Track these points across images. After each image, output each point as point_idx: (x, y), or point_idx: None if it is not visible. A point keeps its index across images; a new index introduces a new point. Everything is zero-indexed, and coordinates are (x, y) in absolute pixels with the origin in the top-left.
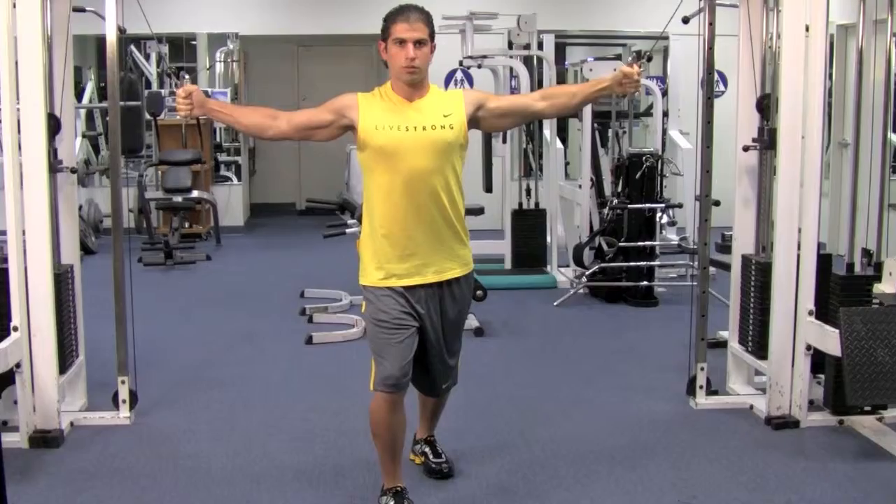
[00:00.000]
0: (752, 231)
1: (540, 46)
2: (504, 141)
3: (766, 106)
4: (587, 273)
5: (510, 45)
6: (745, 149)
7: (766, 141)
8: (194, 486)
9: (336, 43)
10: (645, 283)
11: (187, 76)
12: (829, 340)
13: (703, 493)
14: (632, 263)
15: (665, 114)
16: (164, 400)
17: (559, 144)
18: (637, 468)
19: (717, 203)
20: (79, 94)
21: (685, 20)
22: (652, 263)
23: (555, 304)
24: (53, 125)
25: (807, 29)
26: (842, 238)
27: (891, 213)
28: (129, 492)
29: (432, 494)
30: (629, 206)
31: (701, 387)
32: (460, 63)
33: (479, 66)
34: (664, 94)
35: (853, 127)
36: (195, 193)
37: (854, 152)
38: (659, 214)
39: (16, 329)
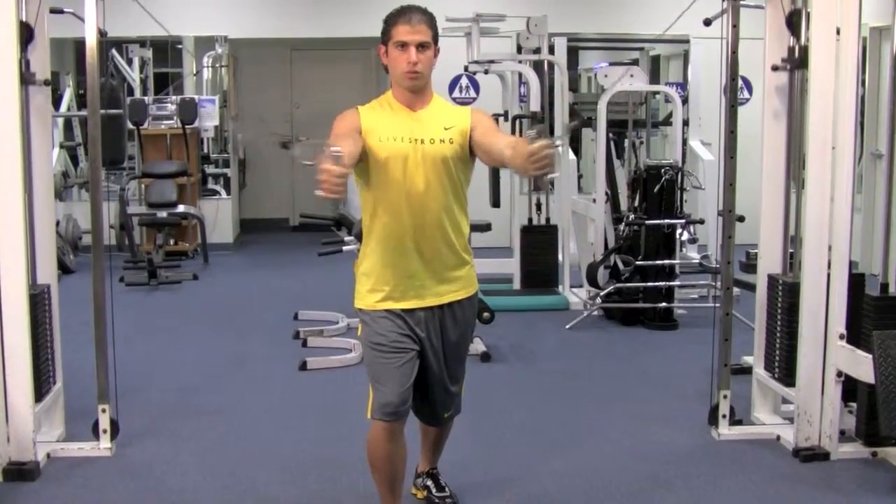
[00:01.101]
0: (778, 248)
1: (551, 50)
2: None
3: (796, 22)
4: (602, 294)
5: (519, 50)
6: (774, 68)
7: (796, 60)
8: None
9: (332, 47)
10: (664, 304)
11: (338, 148)
12: (862, 366)
13: None
14: (650, 283)
15: (685, 123)
16: (147, 430)
17: (571, 156)
18: None
19: (741, 219)
20: (56, 102)
21: (707, 22)
22: (671, 283)
23: (567, 326)
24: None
25: (838, 32)
26: (875, 256)
27: None
28: None
29: None
30: (647, 221)
31: (724, 416)
32: (465, 68)
33: (486, 72)
34: (684, 101)
35: (887, 137)
36: (181, 208)
37: (888, 164)
38: (679, 231)
39: None
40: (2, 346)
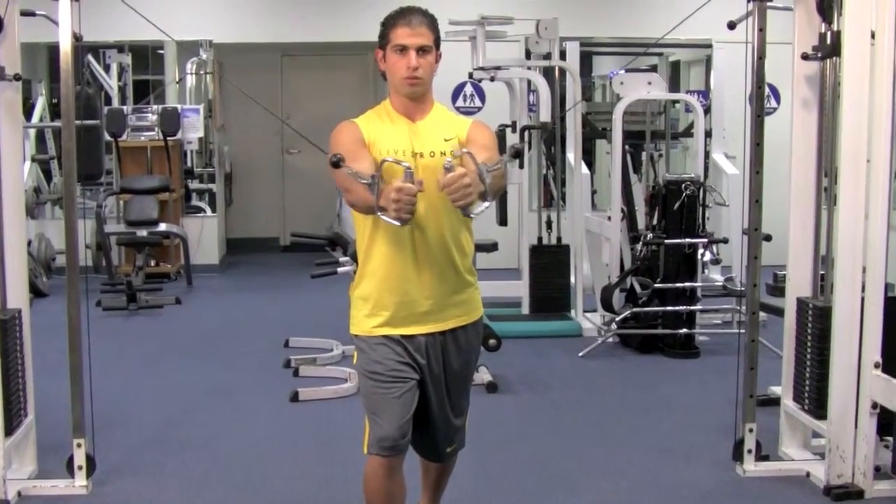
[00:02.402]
0: (808, 269)
1: (562, 56)
2: (521, 166)
3: (827, 6)
4: (617, 319)
5: (528, 55)
6: (805, 56)
7: (829, 47)
8: None
9: (325, 52)
10: (684, 330)
11: (406, 164)
12: None
13: None
14: (669, 308)
15: (707, 134)
16: (126, 465)
17: (585, 170)
18: None
19: (768, 238)
20: (28, 112)
21: (731, 25)
22: (693, 308)
23: (580, 354)
24: None
25: (872, 35)
26: None
27: None
28: None
29: None
30: (666, 241)
31: (749, 451)
32: (470, 76)
33: (492, 79)
34: (706, 111)
35: None
36: (163, 227)
37: None
38: (701, 251)
39: None
40: None
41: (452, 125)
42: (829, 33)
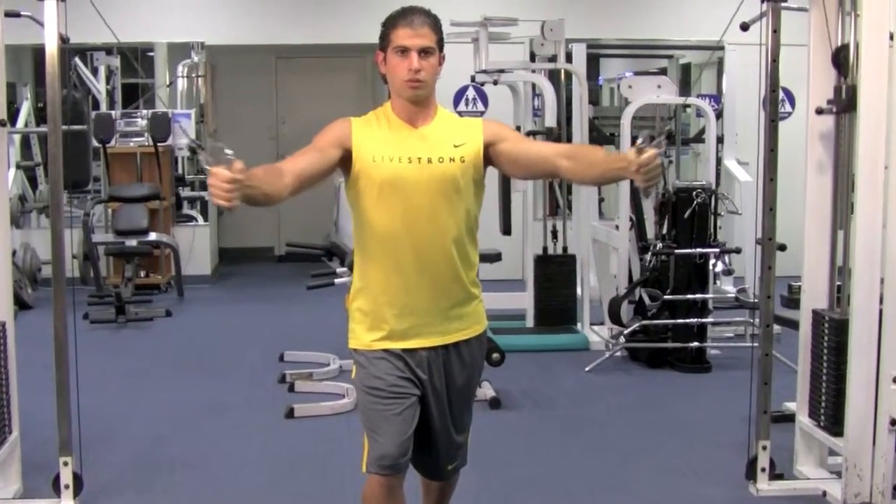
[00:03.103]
0: (824, 280)
1: (569, 58)
2: None
3: (843, 59)
4: (626, 332)
5: (532, 58)
6: (819, 111)
7: (844, 101)
8: None
9: (322, 54)
10: (695, 344)
11: (230, 151)
12: None
13: None
14: (680, 321)
15: (719, 140)
16: (114, 484)
17: None
18: None
19: (782, 247)
20: (12, 117)
21: (744, 27)
22: (704, 321)
23: (586, 369)
24: None
25: (892, 37)
26: None
27: None
28: None
29: None
30: (676, 251)
31: (763, 469)
32: (472, 79)
33: (495, 83)
34: (718, 115)
35: None
36: (152, 236)
37: None
38: (712, 261)
39: None
40: None
41: (462, 130)
42: (843, 87)
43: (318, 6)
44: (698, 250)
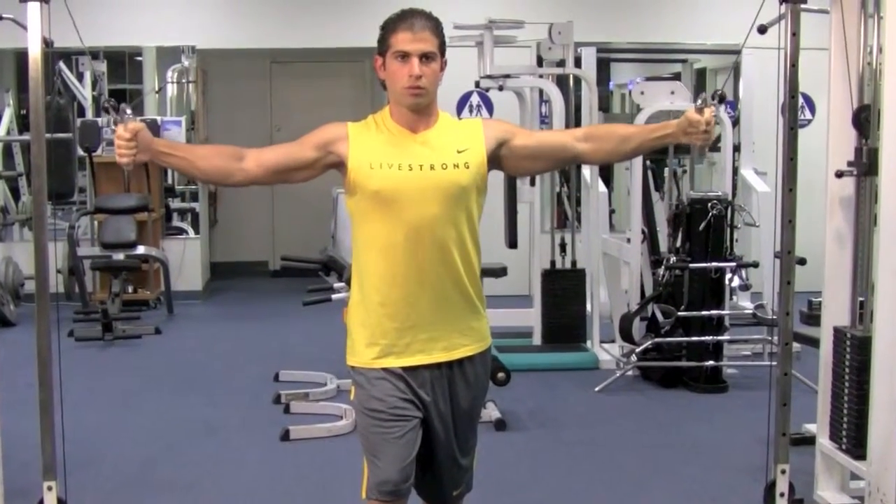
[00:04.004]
0: (846, 296)
1: (578, 63)
2: (532, 183)
3: (864, 119)
4: (637, 351)
5: (540, 62)
6: (839, 174)
7: (866, 165)
8: None
9: (318, 58)
10: (711, 362)
11: (129, 111)
12: None
13: None
14: (694, 338)
15: (736, 148)
16: None
17: (602, 187)
18: None
19: (802, 261)
20: None
21: (762, 29)
22: (720, 338)
23: (596, 389)
24: None
25: None
26: None
27: None
28: None
29: None
30: (691, 265)
31: (782, 494)
32: (476, 84)
33: (501, 89)
34: (734, 123)
35: None
36: (141, 249)
37: None
38: (728, 276)
39: None
40: None
41: (464, 134)
42: (864, 149)
43: (315, 8)
44: (714, 264)
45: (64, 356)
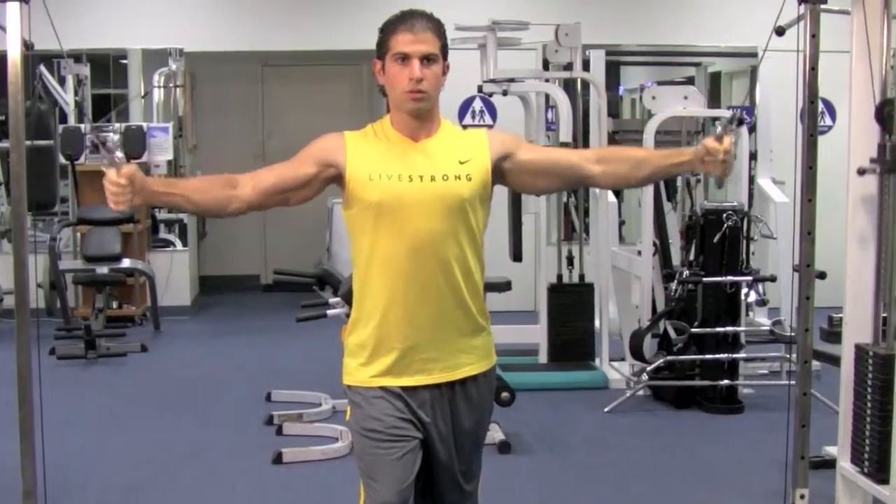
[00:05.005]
0: (868, 311)
1: (586, 66)
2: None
3: (887, 114)
4: (649, 369)
5: (546, 65)
6: (861, 172)
7: (889, 161)
8: None
9: (313, 61)
10: (726, 382)
11: (121, 154)
12: None
13: None
14: (708, 356)
15: (752, 156)
16: None
17: (612, 198)
18: None
19: (822, 275)
20: None
21: (780, 31)
22: (735, 356)
23: (606, 409)
24: None
25: None
26: None
27: None
28: None
29: None
30: (705, 279)
31: None
32: (479, 89)
33: (505, 93)
34: (751, 130)
35: None
36: (126, 263)
37: None
38: (744, 290)
39: None
40: None
41: (467, 145)
42: (888, 145)
43: (309, 9)
44: (729, 278)
45: (45, 375)
